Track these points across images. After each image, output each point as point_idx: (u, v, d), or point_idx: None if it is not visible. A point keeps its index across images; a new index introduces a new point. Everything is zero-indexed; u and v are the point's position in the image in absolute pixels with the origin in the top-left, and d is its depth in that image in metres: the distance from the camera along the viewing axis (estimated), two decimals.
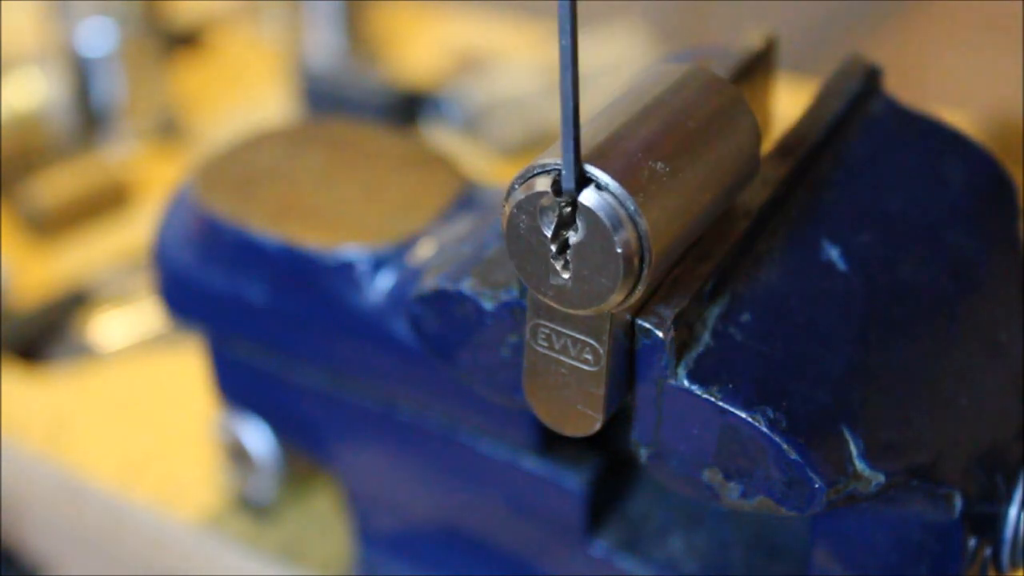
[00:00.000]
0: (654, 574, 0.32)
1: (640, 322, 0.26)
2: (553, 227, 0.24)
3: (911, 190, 0.32)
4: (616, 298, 0.25)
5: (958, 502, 0.28)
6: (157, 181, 0.64)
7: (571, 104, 0.24)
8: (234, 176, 0.38)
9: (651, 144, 0.25)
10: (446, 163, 0.38)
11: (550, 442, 0.33)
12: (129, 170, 0.64)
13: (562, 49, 0.23)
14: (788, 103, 0.37)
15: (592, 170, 0.24)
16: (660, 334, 0.26)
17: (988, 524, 0.29)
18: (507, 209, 0.25)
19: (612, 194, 0.24)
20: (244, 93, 0.74)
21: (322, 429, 0.38)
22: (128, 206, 0.62)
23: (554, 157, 0.25)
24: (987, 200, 0.33)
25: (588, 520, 0.33)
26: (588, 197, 0.24)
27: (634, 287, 0.25)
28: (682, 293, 0.27)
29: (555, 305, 0.26)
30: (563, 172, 0.24)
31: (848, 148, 0.32)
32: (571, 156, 0.24)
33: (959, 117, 0.51)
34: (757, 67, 0.33)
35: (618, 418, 0.28)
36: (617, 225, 0.24)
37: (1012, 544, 0.29)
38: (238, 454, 0.42)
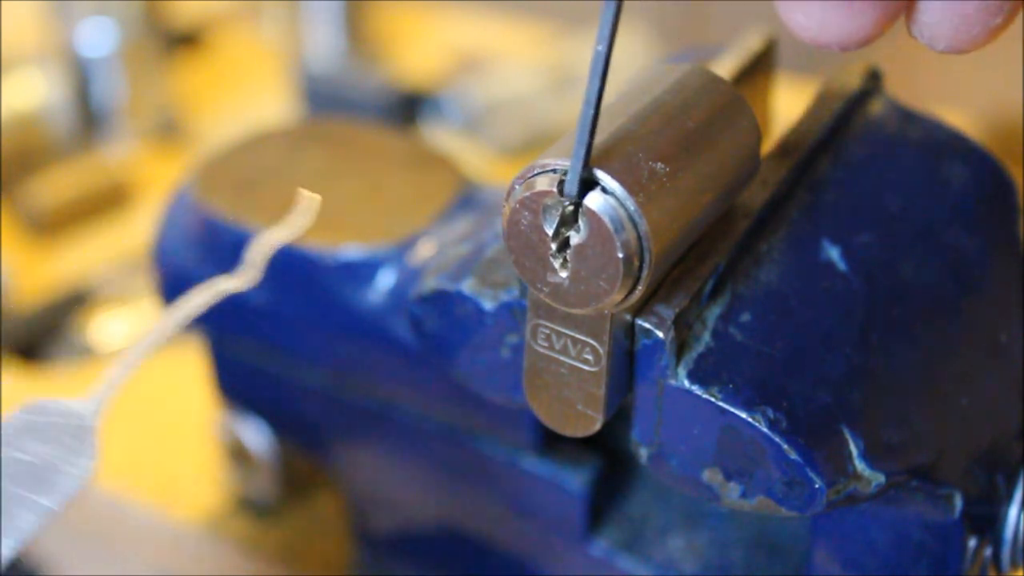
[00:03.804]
0: (654, 574, 0.32)
1: (640, 322, 0.26)
2: (555, 226, 0.24)
3: (911, 190, 0.32)
4: (615, 298, 0.25)
5: (958, 502, 0.28)
6: (157, 181, 0.64)
7: (592, 112, 0.24)
8: (234, 176, 0.38)
9: (651, 144, 0.25)
10: (446, 163, 0.38)
11: (550, 442, 0.33)
12: (129, 170, 0.64)
13: (596, 55, 0.23)
14: (788, 103, 0.37)
15: (594, 171, 0.24)
16: (660, 334, 0.26)
17: (988, 524, 0.29)
18: (509, 205, 0.25)
19: (613, 195, 0.24)
20: (244, 93, 0.74)
21: (322, 429, 0.38)
22: (128, 206, 0.62)
23: (556, 157, 0.25)
24: (987, 200, 0.33)
25: (588, 520, 0.33)
26: (593, 200, 0.24)
27: (633, 287, 0.25)
28: (682, 293, 0.27)
29: (553, 303, 0.26)
30: (568, 176, 0.24)
31: (848, 148, 0.32)
32: (579, 162, 0.24)
33: (959, 117, 0.51)
34: (757, 67, 0.33)
35: (618, 418, 0.28)
36: (618, 227, 0.24)
37: (1012, 544, 0.29)
38: (238, 454, 0.42)
